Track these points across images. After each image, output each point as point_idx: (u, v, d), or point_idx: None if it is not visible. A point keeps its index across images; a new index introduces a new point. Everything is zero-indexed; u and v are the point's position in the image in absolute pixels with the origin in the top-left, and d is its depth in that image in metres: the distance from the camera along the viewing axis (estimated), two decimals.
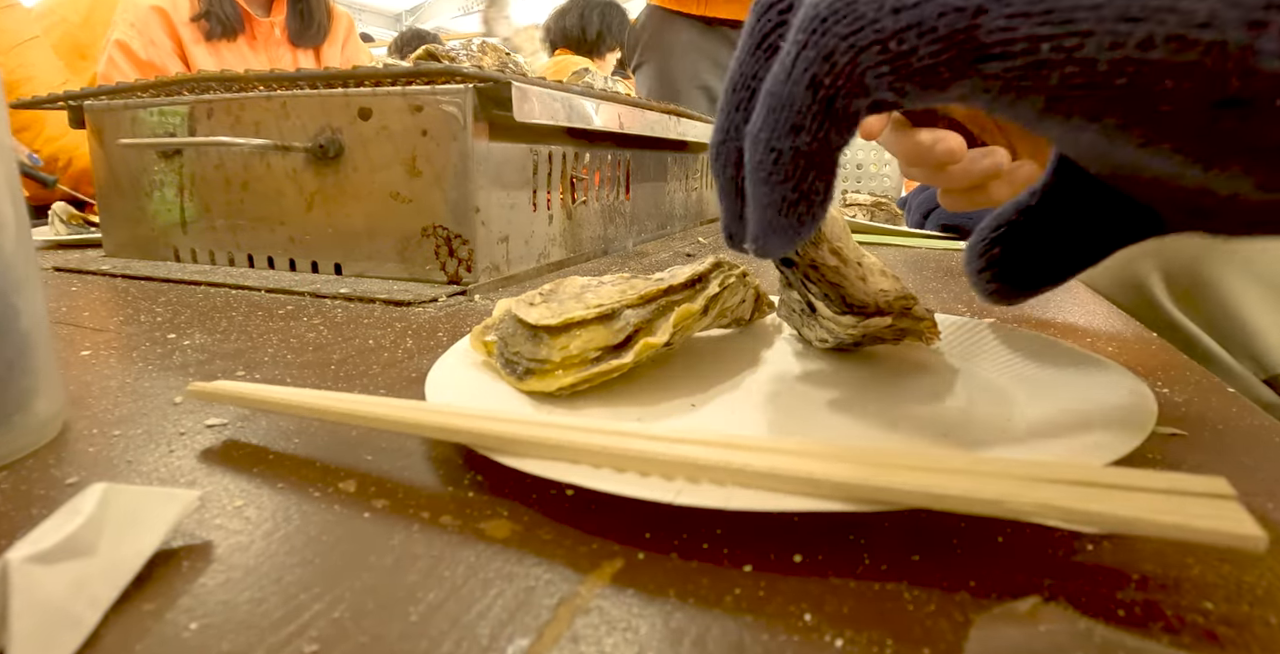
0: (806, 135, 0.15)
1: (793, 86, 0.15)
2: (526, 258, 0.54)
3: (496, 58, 0.62)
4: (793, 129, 0.15)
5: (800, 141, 0.16)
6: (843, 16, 0.14)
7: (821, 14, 0.15)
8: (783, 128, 0.16)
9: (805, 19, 0.15)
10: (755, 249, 0.18)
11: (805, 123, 0.15)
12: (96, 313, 0.42)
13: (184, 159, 0.55)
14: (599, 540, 0.17)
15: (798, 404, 0.26)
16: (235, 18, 1.18)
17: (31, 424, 0.22)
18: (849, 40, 0.14)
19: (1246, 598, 0.15)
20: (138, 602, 0.15)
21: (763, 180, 0.17)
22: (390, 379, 0.30)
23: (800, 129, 0.15)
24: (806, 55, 0.15)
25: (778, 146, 0.16)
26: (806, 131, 0.15)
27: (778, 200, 0.17)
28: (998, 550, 0.17)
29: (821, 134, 0.15)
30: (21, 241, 0.22)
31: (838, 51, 0.14)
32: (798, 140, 0.16)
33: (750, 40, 0.18)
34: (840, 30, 0.14)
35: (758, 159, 0.16)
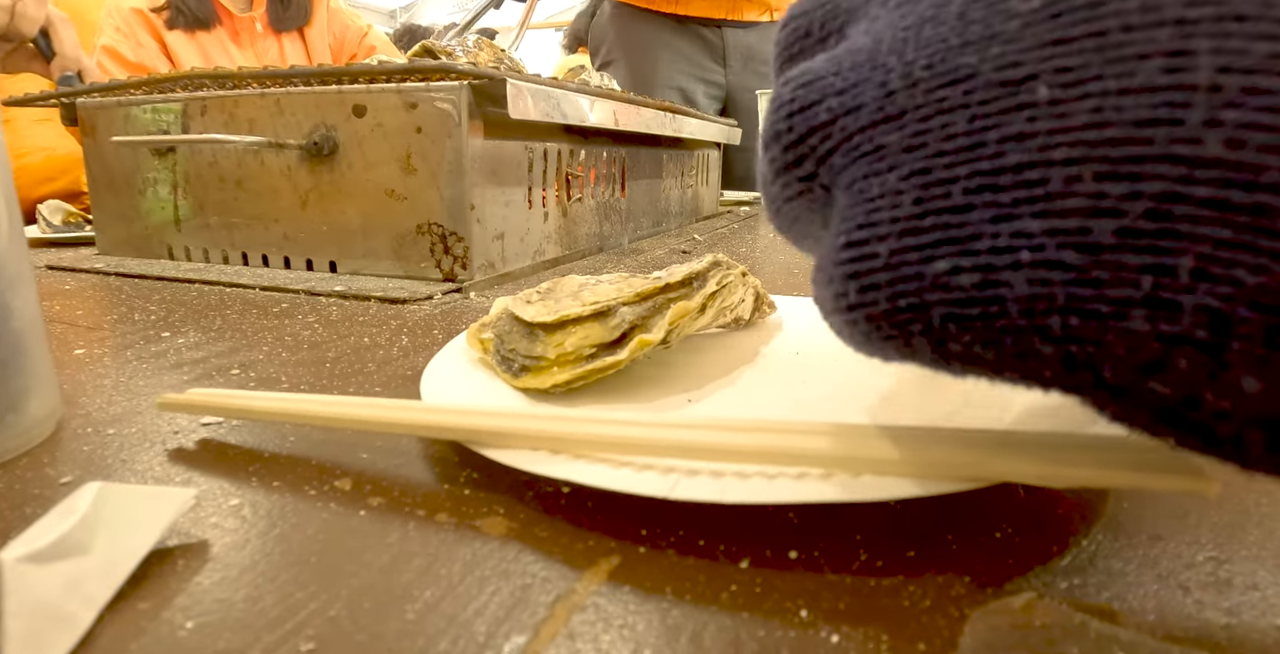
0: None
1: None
2: (522, 255, 0.54)
3: (492, 54, 0.61)
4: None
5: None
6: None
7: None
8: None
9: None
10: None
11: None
12: (90, 311, 0.42)
13: (177, 157, 0.55)
14: (595, 537, 0.17)
15: (797, 401, 0.26)
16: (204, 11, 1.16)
17: (25, 423, 0.22)
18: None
19: (1238, 591, 0.15)
20: (133, 601, 0.15)
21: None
22: (386, 377, 0.30)
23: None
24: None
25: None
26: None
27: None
28: (993, 546, 0.17)
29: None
30: (14, 239, 0.22)
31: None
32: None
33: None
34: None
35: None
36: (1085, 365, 0.11)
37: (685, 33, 1.32)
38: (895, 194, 0.13)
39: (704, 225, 0.88)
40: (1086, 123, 0.11)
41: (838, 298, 0.14)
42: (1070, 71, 0.11)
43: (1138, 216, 0.10)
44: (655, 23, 1.33)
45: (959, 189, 0.12)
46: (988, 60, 0.12)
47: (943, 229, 0.12)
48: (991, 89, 0.12)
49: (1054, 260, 0.11)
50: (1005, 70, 0.12)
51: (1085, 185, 0.11)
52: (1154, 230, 0.10)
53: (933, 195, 0.12)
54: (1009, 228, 0.11)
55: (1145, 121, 0.10)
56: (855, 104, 0.14)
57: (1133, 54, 0.10)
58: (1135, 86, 0.10)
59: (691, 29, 1.32)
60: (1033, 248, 0.11)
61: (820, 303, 0.15)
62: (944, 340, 0.12)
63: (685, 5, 1.29)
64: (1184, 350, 0.10)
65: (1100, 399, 0.11)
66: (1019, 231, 0.11)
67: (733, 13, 1.31)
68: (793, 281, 0.51)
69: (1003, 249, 0.11)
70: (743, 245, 0.71)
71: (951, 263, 0.12)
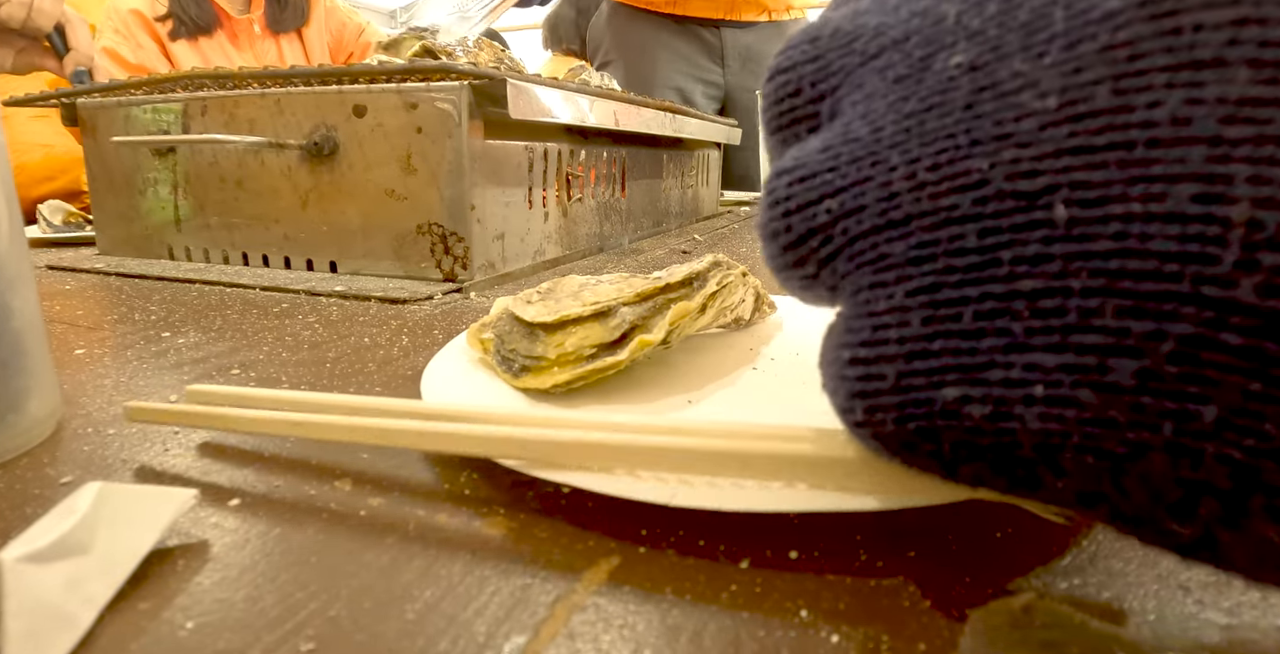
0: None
1: None
2: (522, 255, 0.54)
3: (492, 54, 0.61)
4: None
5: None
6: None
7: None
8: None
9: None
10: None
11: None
12: (90, 311, 0.42)
13: (178, 157, 0.55)
14: (595, 537, 0.17)
15: (796, 401, 0.26)
16: (204, 17, 1.16)
17: (25, 423, 0.22)
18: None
19: (1239, 591, 0.15)
20: (133, 601, 0.15)
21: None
22: (386, 377, 0.30)
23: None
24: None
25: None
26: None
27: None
28: (994, 546, 0.17)
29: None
30: (15, 239, 0.22)
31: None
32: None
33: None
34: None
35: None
36: (1102, 501, 0.11)
37: (683, 33, 1.32)
38: (902, 311, 0.12)
39: (704, 225, 0.88)
40: (1108, 250, 0.10)
41: (843, 412, 0.14)
42: (1091, 188, 0.10)
43: (1161, 359, 0.09)
44: (653, 23, 1.32)
45: (970, 313, 0.11)
46: (1000, 166, 0.11)
47: (952, 354, 0.11)
48: (1004, 200, 0.11)
49: (1069, 397, 0.10)
50: (1020, 180, 0.10)
51: (1105, 321, 0.10)
52: (1178, 374, 0.09)
53: (942, 316, 0.11)
54: (1022, 359, 0.10)
55: (1173, 255, 0.09)
56: (856, 206, 0.13)
57: (1161, 175, 0.09)
58: (1163, 213, 0.09)
59: (690, 29, 1.32)
60: (1047, 383, 0.10)
61: (830, 400, 0.15)
62: (955, 464, 0.12)
63: (683, 5, 1.29)
64: (1205, 500, 0.10)
65: (1116, 525, 0.11)
66: (1032, 364, 0.10)
67: (731, 13, 1.31)
68: None
69: (1015, 382, 0.11)
70: (743, 245, 0.71)
71: (961, 391, 0.11)
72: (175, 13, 1.15)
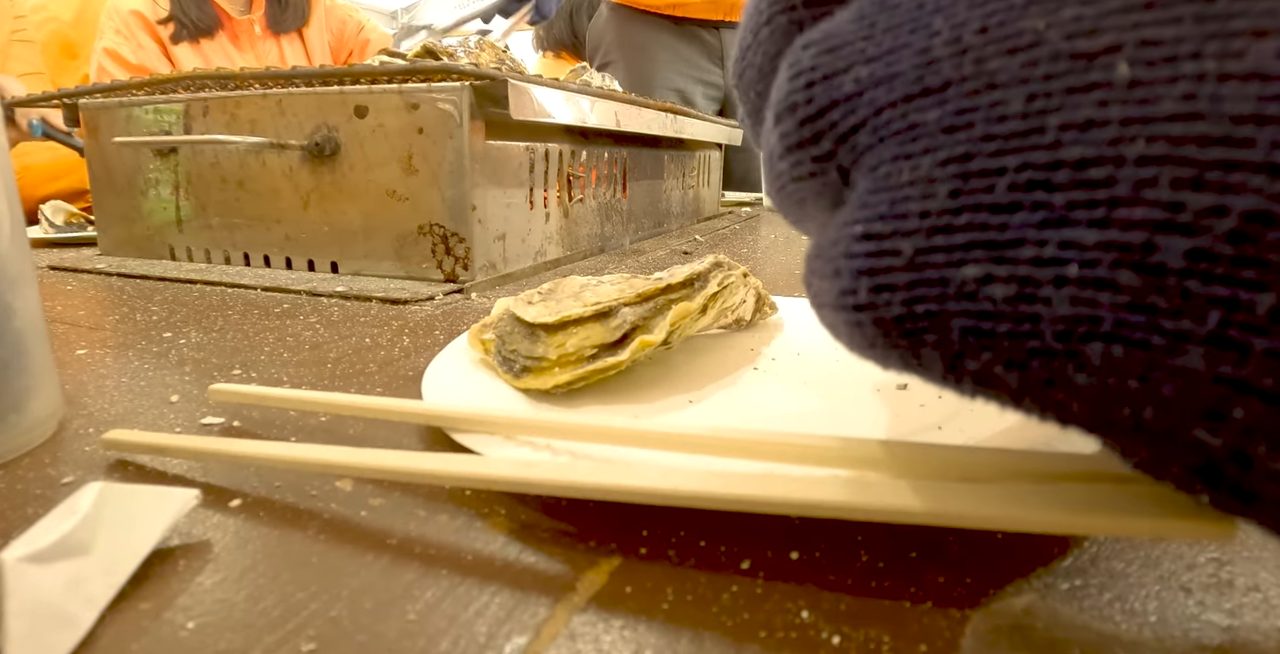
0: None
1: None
2: (523, 256, 0.54)
3: (494, 55, 0.61)
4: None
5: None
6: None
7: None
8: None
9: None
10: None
11: None
12: (92, 311, 0.42)
13: (179, 157, 0.55)
14: (596, 538, 0.17)
15: (796, 401, 0.26)
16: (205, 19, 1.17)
17: (27, 423, 0.22)
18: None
19: (1240, 593, 0.15)
20: (134, 601, 0.15)
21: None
22: (387, 377, 0.30)
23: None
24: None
25: None
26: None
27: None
28: (995, 547, 0.17)
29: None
30: (16, 239, 0.22)
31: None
32: None
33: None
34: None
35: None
36: (1123, 402, 0.10)
37: (683, 34, 1.32)
38: (928, 182, 0.11)
39: (705, 226, 0.88)
40: (1173, 114, 0.09)
41: (843, 294, 0.12)
42: (1160, 46, 0.09)
43: (1218, 238, 0.08)
44: (653, 24, 1.33)
45: (1005, 183, 0.10)
46: (1057, 25, 0.10)
47: (980, 229, 0.10)
48: (1058, 62, 0.10)
49: (1106, 279, 0.09)
50: (1078, 39, 0.09)
51: (1159, 192, 0.09)
52: (1234, 257, 0.08)
53: (973, 188, 0.10)
54: (1058, 236, 0.10)
55: (1248, 118, 0.08)
56: (889, 73, 0.11)
57: (1246, 29, 0.08)
58: (1242, 72, 0.08)
59: (690, 30, 1.32)
60: (1084, 262, 0.09)
61: (817, 295, 0.13)
62: (961, 356, 0.11)
63: (683, 7, 1.29)
64: (1245, 400, 0.09)
65: (1132, 444, 0.10)
66: (1069, 241, 0.09)
67: (730, 14, 1.31)
68: (794, 283, 0.51)
69: (1047, 260, 0.10)
70: (744, 246, 0.71)
71: (983, 269, 0.10)
72: (176, 15, 1.15)
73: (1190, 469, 0.10)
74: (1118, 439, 0.10)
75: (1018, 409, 0.11)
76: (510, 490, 0.19)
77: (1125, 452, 0.10)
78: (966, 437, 0.22)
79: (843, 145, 0.12)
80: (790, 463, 0.18)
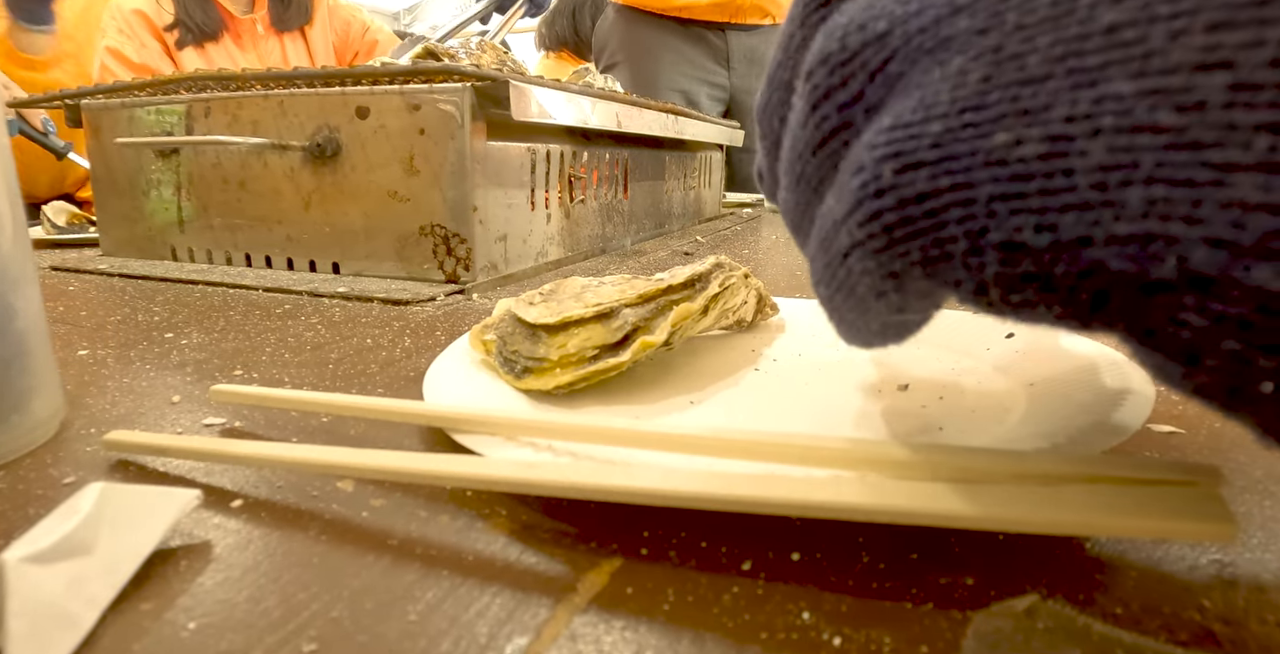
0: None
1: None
2: (524, 257, 0.54)
3: (495, 56, 0.61)
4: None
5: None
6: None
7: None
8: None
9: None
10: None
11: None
12: (94, 312, 0.42)
13: (181, 158, 0.55)
14: (597, 539, 0.17)
15: (797, 402, 0.26)
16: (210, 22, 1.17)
17: (29, 424, 0.22)
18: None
19: (1242, 594, 0.15)
20: (135, 601, 0.15)
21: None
22: (388, 378, 0.30)
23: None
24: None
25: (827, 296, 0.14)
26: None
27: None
28: (996, 548, 0.17)
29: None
30: (18, 240, 0.22)
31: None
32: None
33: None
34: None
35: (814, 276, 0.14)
36: (1167, 250, 0.09)
37: (689, 36, 1.33)
38: (960, 74, 0.11)
39: (706, 227, 0.88)
40: None
41: (864, 186, 0.12)
42: None
43: (1257, 66, 0.08)
44: (659, 26, 1.33)
45: (1036, 59, 0.10)
46: None
47: (1010, 101, 0.10)
48: None
49: (1144, 124, 0.09)
50: None
51: (1194, 38, 0.09)
52: (1278, 82, 0.08)
53: (1004, 70, 0.10)
54: (1092, 94, 0.09)
55: None
56: (921, 6, 0.12)
57: None
58: None
59: (695, 32, 1.33)
60: (1119, 112, 0.09)
61: (826, 237, 0.13)
62: (985, 230, 0.10)
63: (689, 9, 1.30)
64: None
65: (1173, 305, 0.09)
66: (1105, 96, 0.09)
67: (736, 17, 1.31)
68: (795, 284, 0.51)
69: (1081, 116, 0.09)
70: (745, 247, 0.71)
71: (1014, 134, 0.10)
72: (182, 19, 1.15)
73: (1254, 307, 0.09)
74: (1158, 299, 0.10)
75: (1045, 299, 0.10)
76: (511, 491, 0.19)
77: (1167, 312, 0.10)
78: (968, 437, 0.22)
79: (872, 83, 0.12)
80: (791, 464, 0.18)
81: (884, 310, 0.13)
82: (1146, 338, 0.10)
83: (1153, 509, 0.14)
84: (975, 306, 0.12)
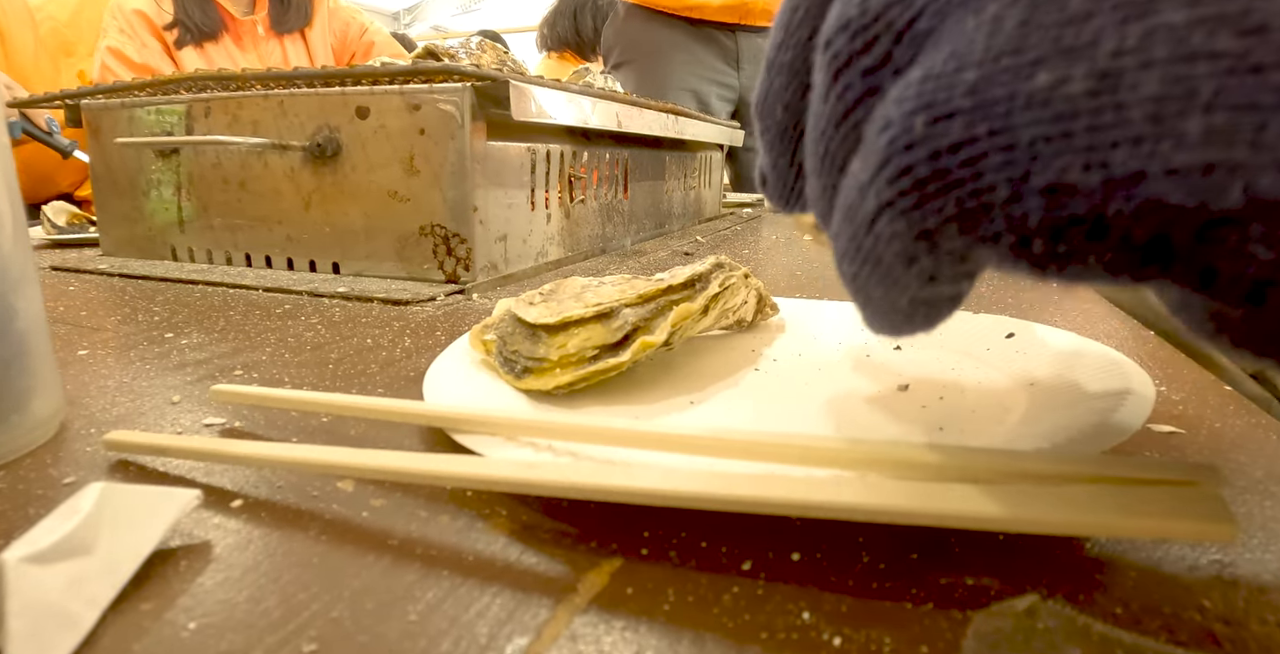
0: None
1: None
2: (525, 257, 0.54)
3: (495, 56, 0.61)
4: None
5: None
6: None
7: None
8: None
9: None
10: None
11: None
12: (94, 312, 0.42)
13: (181, 158, 0.55)
14: (597, 539, 0.17)
15: (797, 402, 0.26)
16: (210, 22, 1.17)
17: (29, 424, 0.22)
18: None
19: (1242, 595, 0.15)
20: (135, 601, 0.15)
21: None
22: (388, 378, 0.30)
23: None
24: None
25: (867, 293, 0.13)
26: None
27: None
28: (996, 548, 0.17)
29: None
30: (19, 240, 0.22)
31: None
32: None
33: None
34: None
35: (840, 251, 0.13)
36: (1232, 178, 0.08)
37: (699, 36, 1.34)
38: (995, 20, 0.10)
39: (707, 227, 0.88)
40: None
41: (893, 142, 0.11)
42: None
43: None
44: (670, 25, 1.34)
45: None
46: None
47: (1053, 42, 0.09)
48: None
49: (1200, 51, 0.08)
50: None
51: None
52: None
53: (1044, 11, 0.10)
54: (1142, 27, 0.09)
55: None
56: None
57: None
58: None
59: (706, 32, 1.34)
60: (1174, 41, 0.09)
61: (851, 206, 0.12)
62: (1028, 175, 0.10)
63: (700, 9, 1.31)
64: None
65: (1238, 238, 0.09)
66: (1155, 27, 0.09)
67: (746, 18, 1.32)
68: (795, 284, 0.51)
69: (1130, 49, 0.09)
70: (745, 247, 0.71)
71: (1058, 74, 0.09)
72: (181, 19, 1.15)
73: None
74: (1221, 233, 0.09)
75: (1092, 248, 0.10)
76: (511, 491, 0.19)
77: (1231, 248, 0.09)
78: (967, 437, 0.22)
79: (899, 44, 0.12)
80: (791, 464, 0.18)
81: (914, 282, 0.13)
82: (1203, 282, 0.09)
83: (1153, 509, 0.14)
84: (1014, 265, 0.11)
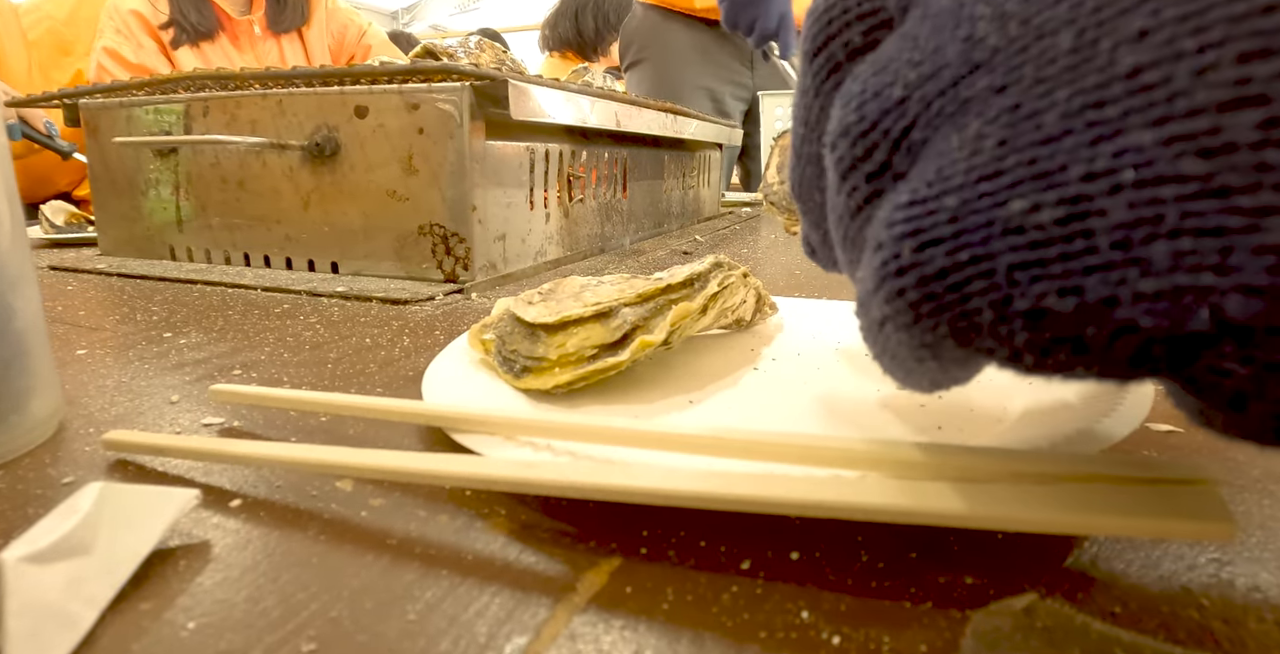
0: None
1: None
2: (523, 256, 0.54)
3: (494, 55, 0.61)
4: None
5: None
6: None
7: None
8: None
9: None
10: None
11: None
12: (92, 312, 0.42)
13: (180, 157, 0.55)
14: (596, 538, 0.17)
15: (797, 401, 0.26)
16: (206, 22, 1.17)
17: (28, 423, 0.22)
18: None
19: (1240, 593, 0.15)
20: (134, 601, 0.15)
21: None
22: (387, 377, 0.30)
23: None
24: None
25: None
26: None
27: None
28: (995, 547, 0.17)
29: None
30: (17, 240, 0.22)
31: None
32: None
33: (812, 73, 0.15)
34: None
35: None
36: (1199, 302, 0.09)
37: (716, 36, 1.35)
38: (976, 139, 0.11)
39: (705, 226, 0.88)
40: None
41: (885, 264, 0.12)
42: None
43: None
44: (688, 24, 1.35)
45: (1054, 115, 0.10)
46: None
47: (1027, 165, 0.10)
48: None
49: (1167, 175, 0.09)
50: None
51: (1223, 72, 0.08)
52: None
53: (1020, 131, 0.10)
54: (1111, 147, 0.09)
55: None
56: (936, 68, 0.11)
57: None
58: None
59: (722, 32, 1.34)
60: (1139, 164, 0.09)
61: (862, 304, 0.13)
62: (1009, 301, 0.10)
63: (715, 11, 1.31)
64: None
65: (1213, 355, 0.09)
66: (1124, 148, 0.09)
67: None
68: (794, 283, 0.51)
69: (1099, 173, 0.09)
70: (744, 247, 0.71)
71: (1031, 201, 0.10)
72: (176, 19, 1.15)
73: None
74: (1197, 351, 0.09)
75: (1078, 358, 0.10)
76: (510, 491, 0.19)
77: (1207, 363, 0.09)
78: (966, 436, 0.22)
79: (896, 153, 0.12)
80: (790, 463, 0.18)
81: (929, 371, 0.13)
82: (1189, 386, 0.10)
83: (1151, 508, 0.14)
84: (1014, 371, 0.11)
